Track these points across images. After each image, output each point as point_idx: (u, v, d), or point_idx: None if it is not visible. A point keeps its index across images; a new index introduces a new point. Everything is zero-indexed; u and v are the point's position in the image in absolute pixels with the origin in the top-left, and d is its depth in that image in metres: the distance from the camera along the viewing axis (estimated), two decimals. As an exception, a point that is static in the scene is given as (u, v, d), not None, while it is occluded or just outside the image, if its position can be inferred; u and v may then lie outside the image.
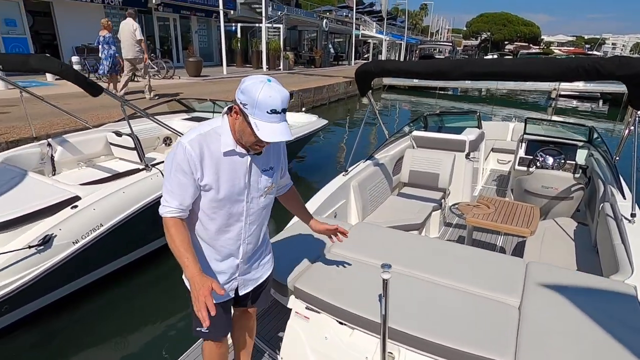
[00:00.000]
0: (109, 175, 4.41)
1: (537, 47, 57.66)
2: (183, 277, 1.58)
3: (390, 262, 2.04)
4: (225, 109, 1.44)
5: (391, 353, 1.67)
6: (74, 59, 11.46)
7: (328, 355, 1.83)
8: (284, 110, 1.32)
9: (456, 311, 1.72)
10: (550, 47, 60.79)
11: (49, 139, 4.49)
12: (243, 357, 1.99)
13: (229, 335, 1.82)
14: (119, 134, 4.70)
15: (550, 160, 4.55)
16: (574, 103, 18.28)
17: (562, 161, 4.48)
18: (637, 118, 2.60)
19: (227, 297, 1.66)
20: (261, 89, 1.28)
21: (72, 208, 3.07)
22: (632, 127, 2.73)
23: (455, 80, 2.50)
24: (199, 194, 1.46)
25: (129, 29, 8.18)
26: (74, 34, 13.16)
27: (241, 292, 1.71)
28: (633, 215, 2.50)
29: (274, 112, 1.30)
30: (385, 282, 1.32)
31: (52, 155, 4.44)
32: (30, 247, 2.74)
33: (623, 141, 3.34)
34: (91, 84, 3.58)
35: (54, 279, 2.99)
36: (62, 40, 13.14)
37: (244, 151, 1.44)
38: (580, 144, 4.61)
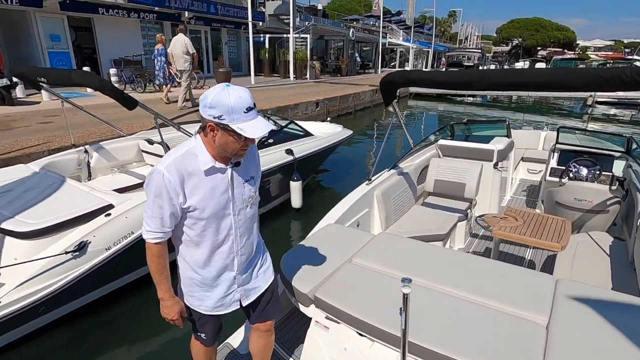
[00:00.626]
0: (140, 181, 4.60)
1: (572, 52, 55.51)
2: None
3: (412, 274, 2.03)
4: (196, 129, 1.48)
5: None
6: (112, 71, 12.08)
7: None
8: (254, 105, 1.36)
9: (480, 328, 1.67)
10: (587, 52, 58.36)
11: (86, 146, 4.74)
12: None
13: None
14: (150, 142, 4.90)
15: (584, 171, 4.35)
16: (612, 110, 17.41)
17: (597, 172, 4.27)
18: None
19: (231, 309, 1.72)
20: (229, 95, 1.31)
21: (105, 216, 3.21)
22: None
23: (481, 91, 2.43)
24: (180, 216, 1.49)
25: (181, 42, 8.91)
26: (112, 48, 13.87)
27: (244, 303, 1.75)
28: None
29: (249, 109, 1.34)
30: (405, 297, 1.31)
31: (88, 161, 4.68)
32: (66, 252, 2.89)
33: None
34: (127, 98, 3.76)
35: (87, 283, 3.13)
36: (101, 54, 13.88)
37: (223, 166, 1.47)
38: (618, 154, 4.39)
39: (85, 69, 10.89)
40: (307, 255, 2.27)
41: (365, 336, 1.79)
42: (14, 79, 8.93)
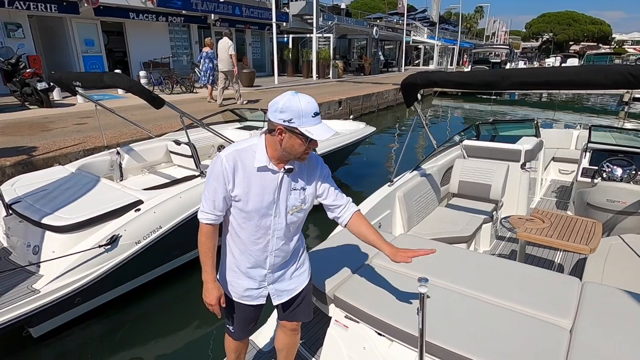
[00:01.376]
0: (168, 181, 4.76)
1: (607, 46, 52.93)
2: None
3: (433, 276, 2.02)
4: (263, 130, 1.56)
5: None
6: (142, 73, 12.52)
7: None
8: (319, 111, 1.47)
9: (500, 330, 1.65)
10: (623, 46, 55.53)
11: (118, 148, 4.95)
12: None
13: (249, 337, 1.94)
14: (177, 143, 5.06)
15: (618, 171, 4.16)
16: (651, 107, 16.52)
17: (633, 172, 4.08)
18: None
19: (257, 302, 1.76)
20: (299, 101, 1.41)
21: (135, 211, 3.36)
22: None
23: (504, 90, 2.36)
24: (230, 203, 1.59)
25: (225, 46, 9.60)
26: (142, 51, 14.39)
27: (275, 302, 1.79)
28: None
29: (315, 114, 1.43)
30: (422, 296, 1.31)
31: (120, 162, 4.89)
32: (99, 246, 3.04)
33: None
34: (154, 97, 3.90)
35: (120, 276, 3.29)
36: (131, 57, 14.41)
37: (276, 168, 1.54)
38: None
39: (117, 71, 11.33)
40: (327, 256, 2.31)
41: (384, 336, 1.81)
42: (51, 83, 9.41)
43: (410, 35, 29.05)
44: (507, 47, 30.21)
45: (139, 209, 3.38)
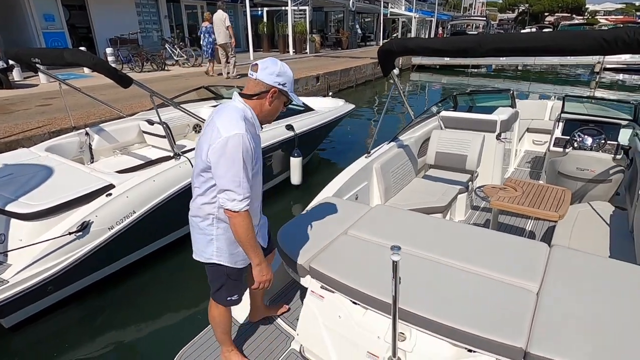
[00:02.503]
0: (142, 162, 4.61)
1: (581, 17, 53.59)
2: (216, 259, 1.78)
3: (407, 245, 2.05)
4: (235, 97, 1.63)
5: (403, 333, 1.69)
6: (108, 50, 11.89)
7: (341, 334, 1.88)
8: None
9: (471, 294, 1.71)
10: (596, 17, 56.34)
11: (87, 129, 4.73)
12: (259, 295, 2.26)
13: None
14: (150, 122, 4.88)
15: (589, 140, 4.27)
16: (621, 77, 16.97)
17: (602, 142, 4.19)
18: None
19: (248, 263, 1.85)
20: (287, 67, 1.61)
21: (107, 196, 3.24)
22: None
23: (480, 57, 2.36)
24: None
25: (220, 18, 9.68)
26: (108, 27, 13.60)
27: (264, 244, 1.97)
28: None
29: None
30: (395, 264, 1.33)
31: (90, 143, 4.69)
32: (70, 233, 2.94)
33: None
34: (121, 75, 3.71)
35: (93, 262, 3.21)
36: (96, 33, 13.63)
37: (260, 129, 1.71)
38: (625, 122, 4.29)
39: (82, 49, 10.73)
40: (303, 228, 2.32)
41: (358, 304, 1.84)
42: (10, 62, 8.83)
43: (388, 8, 28.54)
44: (484, 18, 30.17)
45: (110, 194, 3.27)
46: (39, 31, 12.09)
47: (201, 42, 10.73)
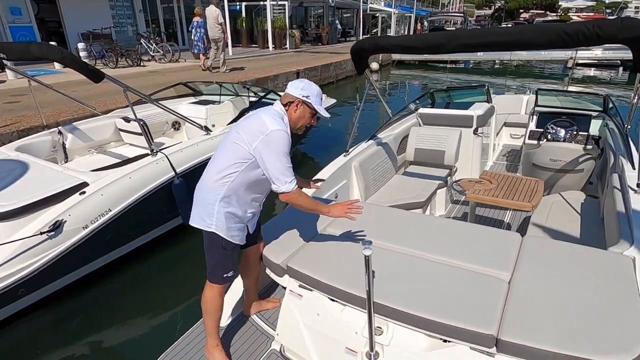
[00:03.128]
0: (119, 161, 4.49)
1: (554, 14, 55.10)
2: (214, 229, 1.93)
3: (384, 240, 2.08)
4: (281, 104, 1.91)
5: (380, 327, 1.72)
6: (80, 45, 11.50)
7: (320, 331, 1.89)
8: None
9: (446, 286, 1.74)
10: (568, 14, 58.01)
11: (60, 127, 4.58)
12: (254, 282, 2.35)
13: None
14: (127, 120, 4.75)
15: (562, 132, 4.39)
16: (592, 72, 17.56)
17: (575, 133, 4.32)
18: None
19: (245, 241, 2.04)
20: (314, 86, 1.93)
21: (80, 194, 3.15)
22: None
23: (450, 53, 2.43)
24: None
25: (213, 14, 9.91)
26: (79, 21, 13.15)
27: (251, 231, 2.11)
28: (639, 185, 2.43)
29: (321, 99, 1.94)
30: (367, 259, 1.35)
31: (63, 142, 4.53)
32: (41, 233, 2.84)
33: (633, 109, 3.22)
34: (92, 70, 3.60)
35: (67, 263, 3.11)
36: (67, 27, 13.15)
37: None
38: (595, 114, 4.44)
39: (52, 44, 10.36)
40: (281, 228, 2.32)
41: (336, 301, 1.86)
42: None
43: (367, 3, 28.62)
44: (461, 14, 30.63)
45: (84, 192, 3.17)
46: (5, 25, 11.60)
47: (192, 37, 10.87)
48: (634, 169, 2.70)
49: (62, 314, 3.11)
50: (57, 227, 2.91)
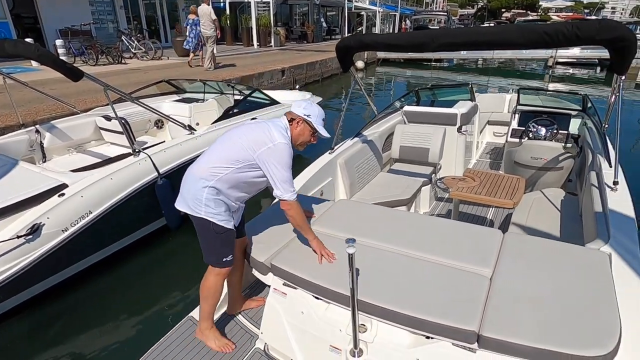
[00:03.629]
0: (100, 160, 4.39)
1: (535, 13, 56.20)
2: (204, 215, 1.98)
3: (368, 238, 2.09)
4: (286, 119, 2.04)
5: (364, 325, 1.74)
6: (58, 42, 11.17)
7: (304, 329, 1.90)
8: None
9: (428, 283, 1.77)
10: (549, 14, 59.29)
11: (37, 126, 4.44)
12: (238, 279, 2.38)
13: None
14: (108, 118, 4.65)
15: (542, 131, 4.49)
16: (571, 70, 17.99)
17: (555, 131, 4.42)
18: (621, 84, 2.56)
19: (234, 225, 2.11)
20: (316, 106, 2.07)
21: (59, 196, 3.06)
22: (617, 94, 2.69)
23: (434, 52, 2.48)
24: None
25: (206, 11, 10.12)
26: (57, 17, 12.76)
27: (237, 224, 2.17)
28: (615, 183, 2.51)
29: (323, 120, 2.08)
30: (350, 257, 1.36)
31: (41, 142, 4.41)
32: (18, 237, 2.75)
33: (610, 108, 3.31)
34: (71, 68, 3.50)
35: (46, 267, 3.02)
36: (44, 24, 12.76)
37: None
38: (575, 113, 4.55)
39: (29, 40, 10.03)
40: (265, 226, 2.32)
41: (320, 299, 1.87)
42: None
43: (352, 2, 28.64)
44: (445, 13, 30.94)
45: (63, 194, 3.09)
46: (-22, 21, 11.18)
47: (187, 34, 11.10)
48: (611, 167, 2.77)
49: (42, 319, 3.03)
50: (35, 230, 2.83)
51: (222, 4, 19.17)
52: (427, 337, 1.63)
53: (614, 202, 2.33)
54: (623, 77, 2.50)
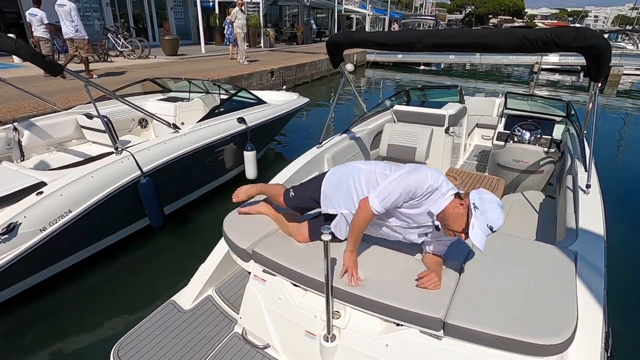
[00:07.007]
0: (81, 159, 4.29)
1: (521, 20, 57.41)
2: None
3: None
4: (455, 190, 1.77)
5: (338, 312, 1.82)
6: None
7: (281, 315, 1.97)
8: None
9: (402, 274, 1.84)
10: (534, 21, 60.60)
11: (15, 123, 4.32)
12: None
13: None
14: (89, 116, 4.55)
15: (527, 135, 4.56)
16: (556, 77, 18.40)
17: (539, 136, 4.50)
18: (597, 90, 2.64)
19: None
20: (496, 209, 1.70)
21: (37, 194, 2.98)
22: (593, 100, 2.77)
23: (420, 52, 2.55)
24: None
25: (233, 13, 12.22)
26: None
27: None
28: (588, 186, 2.60)
29: (489, 228, 1.64)
30: (325, 244, 1.40)
31: (19, 140, 4.29)
32: (-7, 236, 2.67)
33: (588, 115, 3.39)
34: (50, 62, 3.43)
35: (23, 268, 2.94)
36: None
37: None
38: (559, 119, 4.64)
39: (10, 36, 9.79)
40: (249, 216, 2.36)
41: (298, 286, 1.93)
42: None
43: (342, 4, 28.81)
44: (433, 18, 31.35)
45: (41, 192, 3.00)
46: (-42, 15, 10.87)
47: (224, 32, 14.10)
48: (586, 171, 2.85)
49: (16, 324, 2.93)
50: (10, 229, 2.74)
51: (211, 4, 19.05)
52: (397, 325, 1.71)
53: (585, 204, 2.43)
54: (599, 84, 2.59)
